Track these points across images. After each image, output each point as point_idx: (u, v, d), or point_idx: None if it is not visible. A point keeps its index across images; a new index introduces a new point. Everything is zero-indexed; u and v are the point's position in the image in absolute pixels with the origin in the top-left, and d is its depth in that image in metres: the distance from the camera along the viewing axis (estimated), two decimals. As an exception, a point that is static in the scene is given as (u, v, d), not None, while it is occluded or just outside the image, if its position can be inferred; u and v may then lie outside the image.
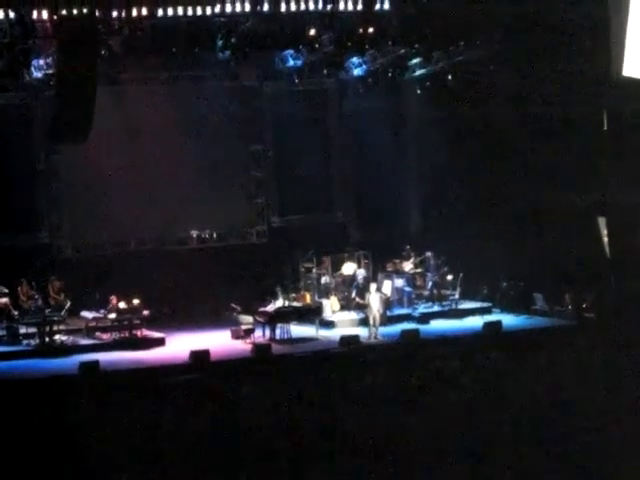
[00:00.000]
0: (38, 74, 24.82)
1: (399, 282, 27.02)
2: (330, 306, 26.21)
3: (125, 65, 25.63)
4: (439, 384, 19.32)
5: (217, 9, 23.99)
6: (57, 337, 23.79)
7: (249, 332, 24.27)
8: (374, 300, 24.36)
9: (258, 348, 23.01)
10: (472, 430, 16.28)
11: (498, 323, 24.74)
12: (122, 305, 24.27)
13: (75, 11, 22.22)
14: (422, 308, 26.64)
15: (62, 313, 24.37)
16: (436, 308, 26.69)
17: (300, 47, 26.21)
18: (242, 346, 23.80)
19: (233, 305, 25.74)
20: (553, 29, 24.48)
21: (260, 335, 24.43)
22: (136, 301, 24.38)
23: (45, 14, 22.69)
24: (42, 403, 18.57)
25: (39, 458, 15.40)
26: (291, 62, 27.12)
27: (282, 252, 28.46)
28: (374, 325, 24.17)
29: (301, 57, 26.78)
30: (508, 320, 25.61)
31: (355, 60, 28.00)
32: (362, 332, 24.42)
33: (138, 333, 24.20)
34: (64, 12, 22.31)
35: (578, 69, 24.15)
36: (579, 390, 18.07)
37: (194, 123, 28.18)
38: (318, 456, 15.26)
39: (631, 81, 22.44)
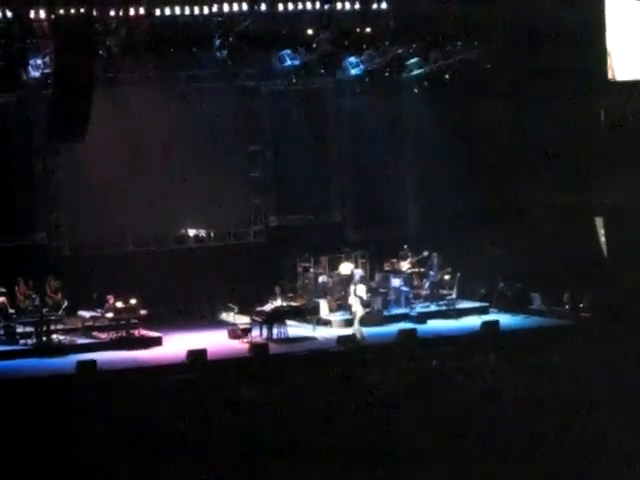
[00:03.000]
0: (35, 73, 24.85)
1: (396, 282, 27.04)
2: (327, 306, 26.23)
3: (122, 65, 25.62)
4: (436, 383, 19.35)
5: (215, 9, 24.04)
6: (54, 336, 23.84)
7: (246, 331, 24.30)
8: (354, 302, 24.49)
9: (255, 347, 23.05)
10: (470, 430, 16.30)
11: (495, 323, 24.77)
12: (119, 304, 24.29)
13: (72, 10, 22.27)
14: (419, 308, 26.66)
15: (59, 312, 24.44)
16: (433, 308, 26.72)
17: (297, 47, 26.26)
18: (239, 346, 23.82)
19: (230, 305, 25.75)
20: (550, 29, 24.53)
21: (257, 334, 24.45)
22: (133, 301, 24.41)
23: (42, 13, 22.77)
24: (39, 402, 18.56)
25: (36, 457, 15.40)
26: (288, 62, 27.12)
27: (280, 252, 28.45)
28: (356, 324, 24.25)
29: (298, 57, 26.80)
30: (505, 320, 25.64)
31: (352, 60, 28.01)
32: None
33: (135, 332, 24.23)
34: (61, 11, 22.36)
35: (574, 68, 24.22)
36: (576, 389, 18.10)
37: (192, 123, 28.19)
38: (316, 456, 15.24)
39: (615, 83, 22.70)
